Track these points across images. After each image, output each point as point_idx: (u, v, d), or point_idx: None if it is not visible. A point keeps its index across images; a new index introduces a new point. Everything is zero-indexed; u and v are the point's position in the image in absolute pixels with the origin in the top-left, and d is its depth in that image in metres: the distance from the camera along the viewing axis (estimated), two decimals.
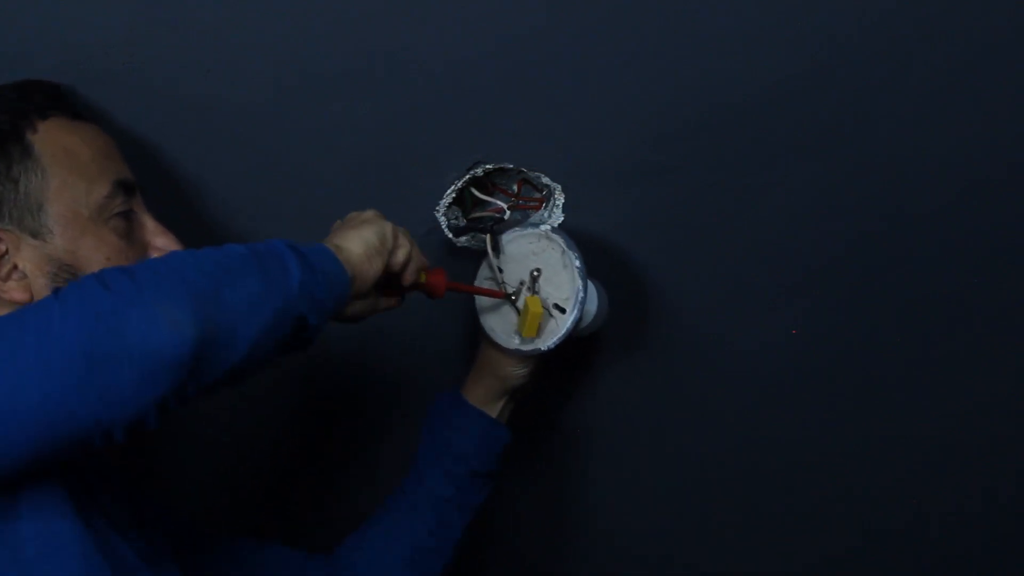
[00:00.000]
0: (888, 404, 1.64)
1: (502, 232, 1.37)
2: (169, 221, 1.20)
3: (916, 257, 1.52)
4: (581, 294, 1.32)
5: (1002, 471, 1.71)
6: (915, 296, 1.55)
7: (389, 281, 1.19)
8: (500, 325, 1.36)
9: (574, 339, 1.36)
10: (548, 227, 1.34)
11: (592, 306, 1.37)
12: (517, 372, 1.39)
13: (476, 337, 1.42)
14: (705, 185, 1.43)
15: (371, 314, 1.19)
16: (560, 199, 1.42)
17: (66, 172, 1.12)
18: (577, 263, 1.32)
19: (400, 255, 1.18)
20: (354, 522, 1.43)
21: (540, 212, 1.44)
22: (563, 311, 1.34)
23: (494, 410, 1.40)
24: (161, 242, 1.18)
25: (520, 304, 1.34)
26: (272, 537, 1.42)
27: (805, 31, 1.33)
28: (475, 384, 1.41)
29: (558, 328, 1.33)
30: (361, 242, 1.14)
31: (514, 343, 1.35)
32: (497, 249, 1.36)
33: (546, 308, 1.34)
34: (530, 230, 1.35)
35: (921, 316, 1.57)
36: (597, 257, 1.45)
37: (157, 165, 1.32)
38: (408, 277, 1.20)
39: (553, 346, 1.33)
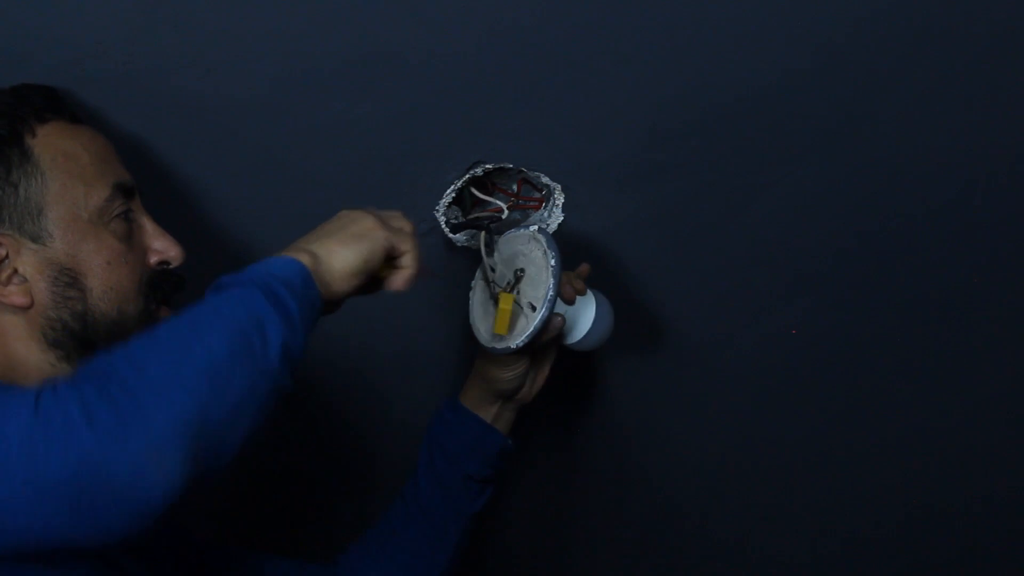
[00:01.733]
0: (888, 404, 1.64)
1: (499, 231, 1.37)
2: (168, 222, 1.19)
3: (916, 257, 1.52)
4: (551, 292, 1.30)
5: (1002, 470, 1.71)
6: (915, 296, 1.55)
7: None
8: (484, 325, 1.36)
9: (574, 352, 1.34)
10: (536, 228, 1.34)
11: (587, 320, 1.35)
12: (502, 375, 1.37)
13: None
14: (705, 185, 1.43)
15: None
16: (560, 199, 1.42)
17: (65, 176, 1.12)
18: (552, 262, 1.30)
19: (383, 270, 1.13)
20: (356, 531, 1.43)
21: (540, 212, 1.44)
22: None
23: (488, 414, 1.39)
24: (160, 244, 1.18)
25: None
26: (271, 547, 1.41)
27: (805, 31, 1.33)
28: (469, 388, 1.41)
29: (527, 326, 1.31)
30: (343, 261, 1.09)
31: (490, 342, 1.34)
32: (491, 248, 1.35)
33: (521, 306, 1.33)
34: (522, 231, 1.35)
35: (921, 316, 1.57)
36: (597, 257, 1.45)
37: (157, 165, 1.32)
38: (398, 283, 1.16)
39: (521, 344, 1.30)
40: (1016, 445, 1.69)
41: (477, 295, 1.38)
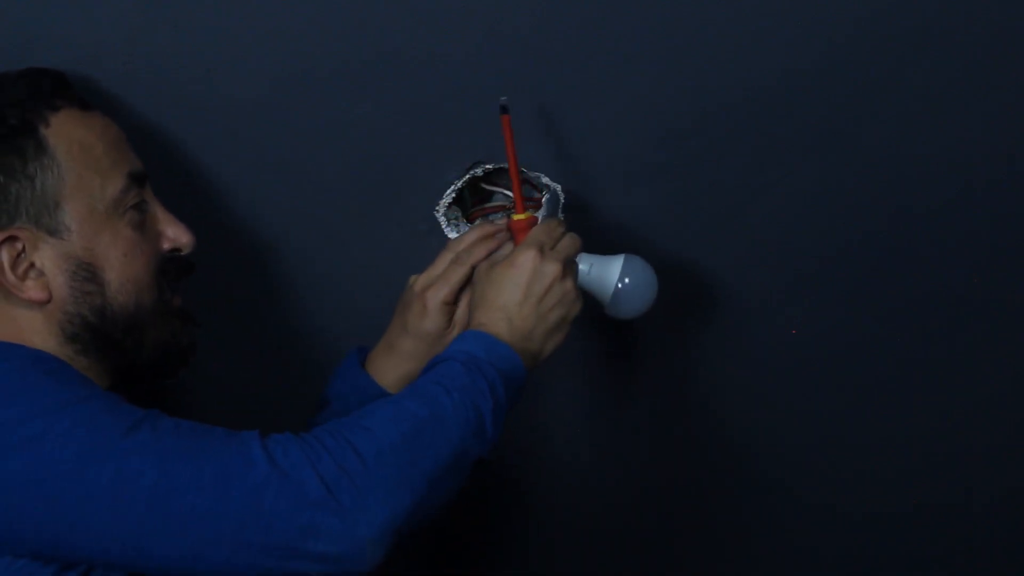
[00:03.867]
0: (888, 404, 1.64)
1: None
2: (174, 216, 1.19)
3: (916, 257, 1.52)
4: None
5: (1003, 470, 1.71)
6: (915, 296, 1.55)
7: None
8: None
9: (615, 320, 1.33)
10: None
11: (612, 276, 1.30)
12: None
13: None
14: (706, 185, 1.43)
15: None
16: (560, 199, 1.42)
17: (81, 168, 1.10)
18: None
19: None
20: None
21: (540, 212, 1.43)
22: None
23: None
24: (172, 232, 1.17)
25: None
26: None
27: (805, 31, 1.33)
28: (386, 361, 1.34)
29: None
30: (554, 344, 1.19)
31: None
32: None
33: None
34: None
35: (921, 316, 1.57)
36: None
37: (155, 166, 1.31)
38: None
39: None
40: (1016, 445, 1.69)
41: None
